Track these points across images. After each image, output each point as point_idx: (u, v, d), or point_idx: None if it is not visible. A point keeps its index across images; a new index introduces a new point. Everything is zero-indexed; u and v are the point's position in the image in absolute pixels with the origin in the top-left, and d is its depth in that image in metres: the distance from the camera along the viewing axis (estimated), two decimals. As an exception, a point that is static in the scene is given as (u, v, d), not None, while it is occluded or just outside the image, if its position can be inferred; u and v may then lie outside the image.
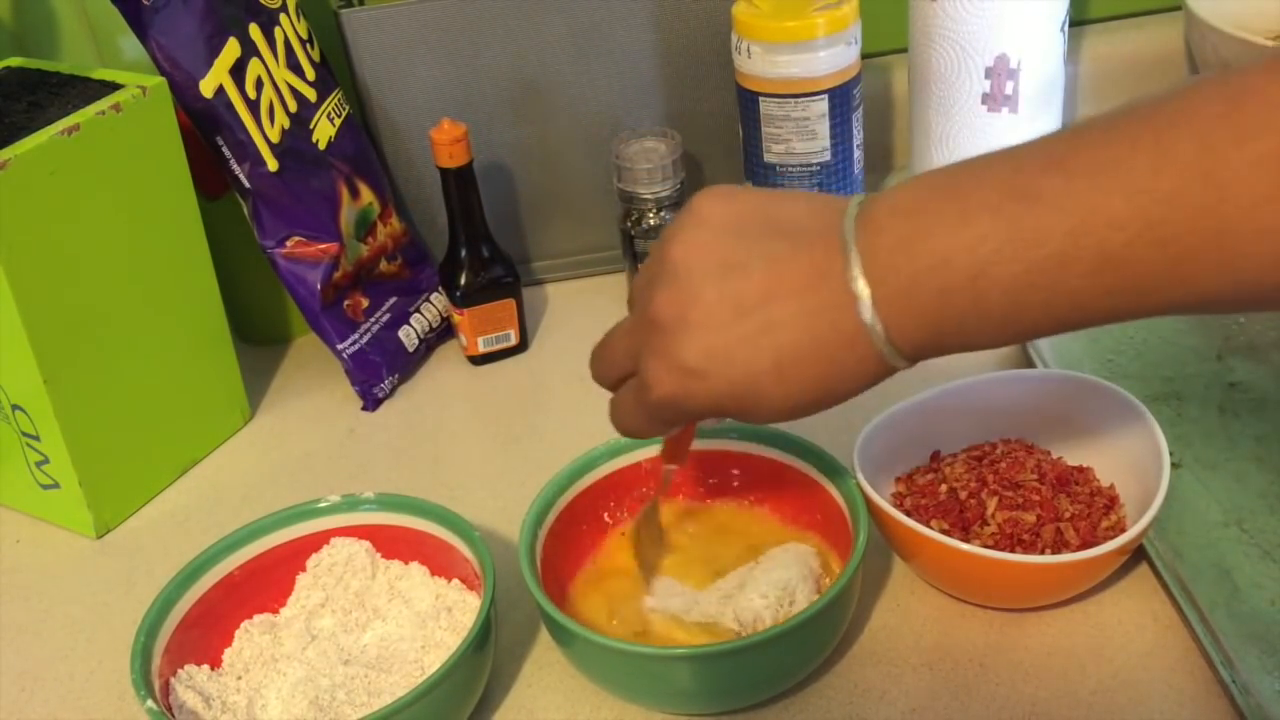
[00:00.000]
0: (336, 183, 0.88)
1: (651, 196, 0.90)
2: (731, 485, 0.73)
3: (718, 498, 0.73)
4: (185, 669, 0.64)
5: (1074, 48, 1.03)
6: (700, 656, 0.60)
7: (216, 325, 0.86)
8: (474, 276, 0.89)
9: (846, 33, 0.85)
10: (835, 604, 0.60)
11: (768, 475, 0.71)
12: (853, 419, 0.67)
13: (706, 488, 0.73)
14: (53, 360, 0.75)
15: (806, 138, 0.87)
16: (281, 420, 0.89)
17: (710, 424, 0.67)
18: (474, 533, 0.66)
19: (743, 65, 0.87)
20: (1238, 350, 0.81)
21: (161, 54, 0.79)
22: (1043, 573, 0.63)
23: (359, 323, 0.90)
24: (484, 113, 0.94)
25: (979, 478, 0.68)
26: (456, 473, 0.82)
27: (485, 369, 0.92)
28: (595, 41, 0.92)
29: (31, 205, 0.71)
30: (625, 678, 0.63)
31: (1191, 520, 0.69)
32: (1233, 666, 0.60)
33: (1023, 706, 0.61)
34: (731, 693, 0.62)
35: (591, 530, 0.71)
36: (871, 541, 0.71)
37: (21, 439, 0.79)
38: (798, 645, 0.61)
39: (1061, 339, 0.84)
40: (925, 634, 0.66)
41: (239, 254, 0.89)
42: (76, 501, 0.79)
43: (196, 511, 0.82)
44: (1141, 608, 0.65)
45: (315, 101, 0.87)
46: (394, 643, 0.67)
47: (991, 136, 0.92)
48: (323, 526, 0.70)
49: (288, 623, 0.68)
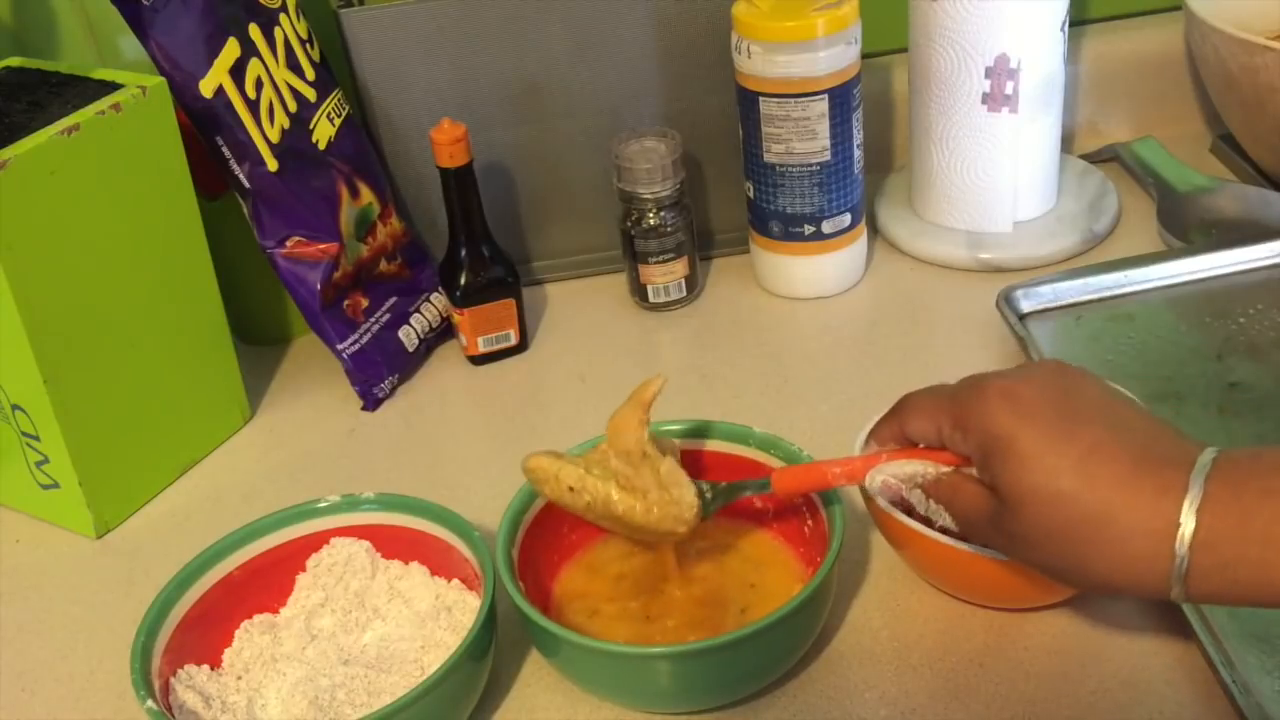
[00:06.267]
0: (336, 183, 0.88)
1: (651, 196, 0.90)
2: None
3: None
4: (185, 669, 0.64)
5: (1074, 48, 1.03)
6: (676, 655, 0.61)
7: (216, 325, 0.86)
8: (474, 276, 0.89)
9: (846, 33, 0.85)
10: (813, 599, 0.61)
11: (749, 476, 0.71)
12: (853, 419, 0.67)
13: None
14: (53, 360, 0.74)
15: (806, 138, 0.87)
16: (281, 420, 0.89)
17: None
18: (474, 533, 0.66)
19: (743, 65, 0.87)
20: (1238, 350, 0.81)
21: (161, 54, 0.79)
22: (1043, 573, 0.63)
23: (359, 323, 0.90)
24: (484, 113, 0.94)
25: (979, 478, 0.68)
26: (456, 473, 0.82)
27: (485, 369, 0.92)
28: (595, 41, 0.92)
29: (31, 205, 0.71)
30: (609, 678, 0.63)
31: (1191, 520, 0.69)
32: (1233, 666, 0.60)
33: (1023, 706, 0.61)
34: (709, 689, 0.63)
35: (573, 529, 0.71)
36: (872, 541, 0.72)
37: (21, 439, 0.79)
38: (767, 645, 0.61)
39: (1061, 338, 0.84)
40: (925, 634, 0.66)
41: (239, 254, 0.89)
42: (76, 501, 0.79)
43: (196, 511, 0.82)
44: (1141, 608, 0.65)
45: (315, 101, 0.87)
46: (394, 643, 0.67)
47: (991, 136, 0.92)
48: (322, 526, 0.70)
49: (287, 623, 0.68)
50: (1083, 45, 1.05)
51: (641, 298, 0.95)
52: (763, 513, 0.71)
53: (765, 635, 0.59)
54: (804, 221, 0.91)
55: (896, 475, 0.61)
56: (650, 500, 0.64)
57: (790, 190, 0.90)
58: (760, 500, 0.71)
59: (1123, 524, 0.50)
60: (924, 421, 0.59)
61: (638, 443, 0.64)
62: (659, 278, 0.93)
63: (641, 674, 0.62)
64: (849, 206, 0.91)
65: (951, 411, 0.58)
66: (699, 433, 0.71)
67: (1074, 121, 1.08)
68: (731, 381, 0.87)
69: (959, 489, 0.58)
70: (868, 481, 0.62)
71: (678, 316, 0.95)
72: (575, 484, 0.64)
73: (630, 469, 0.64)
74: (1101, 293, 0.87)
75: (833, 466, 0.64)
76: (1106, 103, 1.08)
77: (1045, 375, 0.56)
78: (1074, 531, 0.52)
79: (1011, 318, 0.84)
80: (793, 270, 0.94)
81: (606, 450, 0.65)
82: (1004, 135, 0.92)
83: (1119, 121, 1.09)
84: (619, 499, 0.64)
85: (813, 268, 0.93)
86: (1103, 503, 0.51)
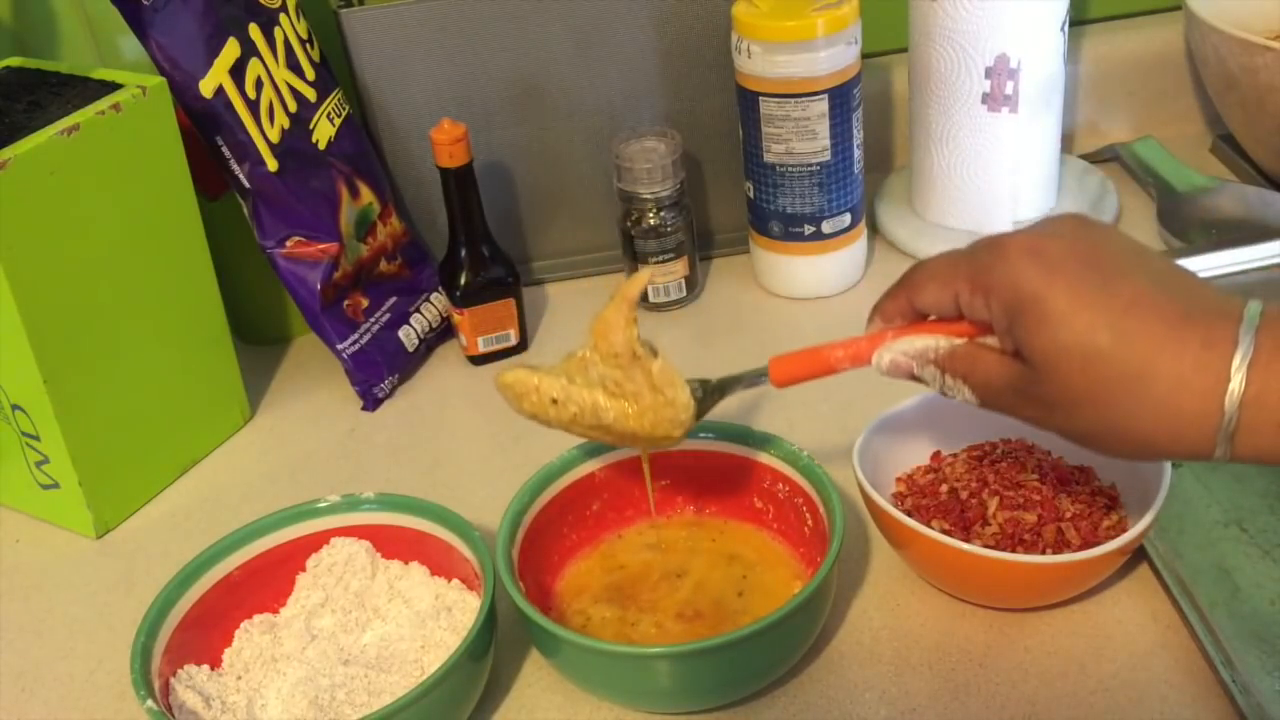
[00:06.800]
0: (336, 183, 0.88)
1: (651, 196, 0.90)
2: (710, 487, 0.73)
3: (697, 499, 0.73)
4: (185, 669, 0.64)
5: (1074, 48, 1.03)
6: (676, 655, 0.61)
7: (216, 325, 0.86)
8: (474, 276, 0.89)
9: (846, 33, 0.85)
10: (813, 599, 0.61)
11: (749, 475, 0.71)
12: (853, 419, 0.67)
13: (686, 492, 0.73)
14: (53, 360, 0.74)
15: (806, 138, 0.87)
16: (281, 420, 0.89)
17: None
18: (474, 533, 0.66)
19: (743, 65, 0.87)
20: (1238, 350, 0.81)
21: (161, 54, 0.79)
22: (1044, 573, 0.63)
23: (359, 323, 0.90)
24: (484, 113, 0.94)
25: (980, 477, 0.68)
26: (456, 473, 0.82)
27: (485, 369, 0.92)
28: (595, 41, 0.92)
29: (31, 205, 0.71)
30: (609, 678, 0.63)
31: (1192, 520, 0.69)
32: (1233, 666, 0.60)
33: (1023, 706, 0.61)
34: (709, 689, 0.63)
35: (574, 528, 0.71)
36: (872, 541, 0.72)
37: (21, 439, 0.79)
38: (767, 645, 0.61)
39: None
40: (925, 634, 0.66)
41: (239, 254, 0.89)
42: (76, 501, 0.79)
43: (196, 511, 0.82)
44: (1141, 608, 0.65)
45: (315, 101, 0.87)
46: (394, 643, 0.67)
47: (991, 136, 0.92)
48: (322, 526, 0.70)
49: (287, 623, 0.68)
50: (1083, 45, 1.05)
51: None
52: (763, 513, 0.71)
53: (765, 635, 0.59)
54: (804, 221, 0.91)
55: (906, 352, 0.57)
56: (643, 404, 0.60)
57: (790, 190, 0.90)
58: (760, 500, 0.71)
59: (1166, 381, 0.48)
60: (937, 289, 0.55)
61: (627, 343, 0.61)
62: (659, 278, 0.93)
63: (641, 674, 0.62)
64: (849, 206, 0.91)
65: (969, 275, 0.54)
66: (698, 432, 0.71)
67: (1074, 121, 1.08)
68: (731, 381, 0.87)
69: (978, 359, 0.54)
70: (875, 361, 0.58)
71: (678, 316, 0.95)
72: (559, 395, 0.60)
73: (619, 372, 0.60)
74: (1101, 293, 0.87)
75: (835, 349, 0.59)
76: (1106, 103, 1.08)
77: (1071, 228, 0.52)
78: (1112, 391, 0.49)
79: (1011, 318, 0.84)
80: (793, 270, 0.94)
81: (587, 357, 0.61)
82: (1004, 135, 0.92)
83: (1119, 121, 1.09)
84: (609, 406, 0.60)
85: (813, 268, 0.93)
86: (1144, 360, 0.48)
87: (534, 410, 0.62)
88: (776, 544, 0.70)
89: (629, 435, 0.62)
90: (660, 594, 0.68)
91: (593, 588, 0.69)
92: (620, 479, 0.72)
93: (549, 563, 0.70)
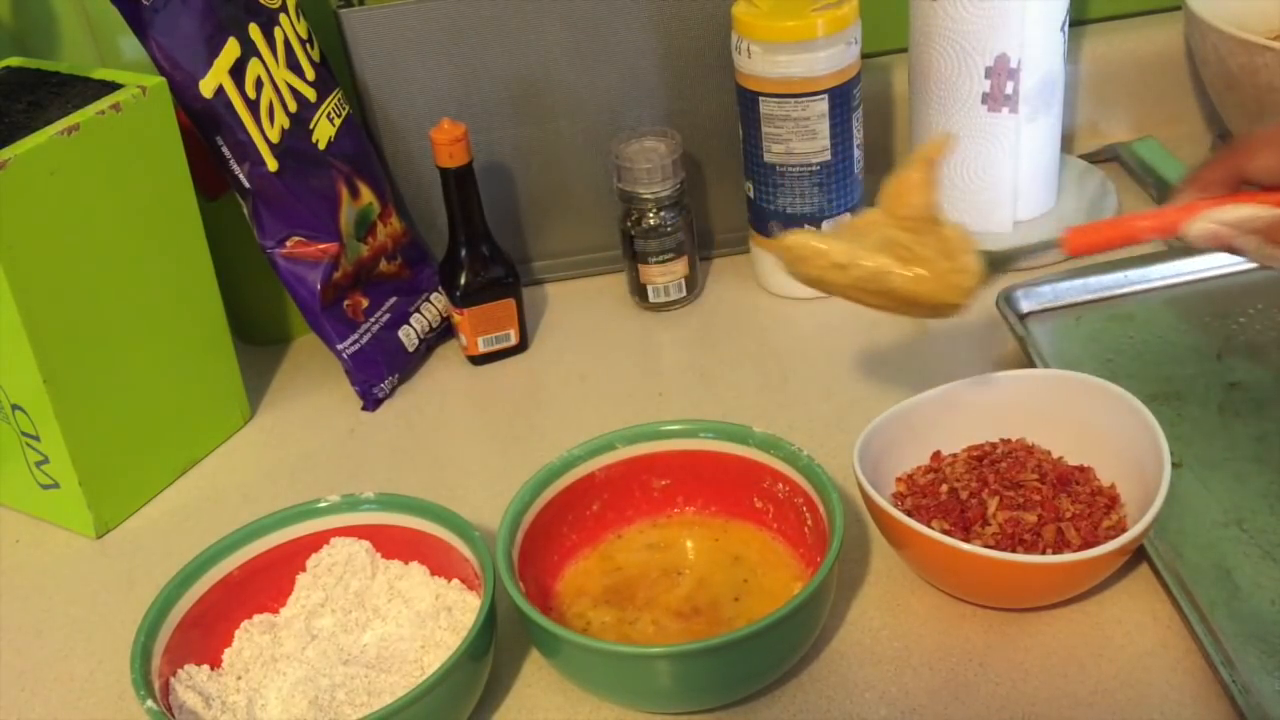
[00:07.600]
0: (336, 183, 0.88)
1: (651, 196, 0.90)
2: (710, 487, 0.73)
3: (697, 499, 0.73)
4: (185, 669, 0.64)
5: (1074, 48, 1.03)
6: (676, 655, 0.61)
7: (216, 325, 0.86)
8: (474, 276, 0.89)
9: (846, 33, 0.85)
10: (813, 599, 0.61)
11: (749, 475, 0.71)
12: (853, 419, 0.67)
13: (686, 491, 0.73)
14: (53, 360, 0.74)
15: (806, 138, 0.87)
16: (281, 420, 0.89)
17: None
18: (474, 533, 0.66)
19: (743, 65, 0.87)
20: (1238, 350, 0.81)
21: (161, 54, 0.79)
22: (1044, 573, 0.63)
23: (359, 323, 0.90)
24: (484, 113, 0.94)
25: (980, 477, 0.68)
26: (456, 473, 0.82)
27: (485, 369, 0.92)
28: (595, 41, 0.92)
29: (31, 205, 0.71)
30: (609, 678, 0.63)
31: (1192, 520, 0.69)
32: (1233, 666, 0.60)
33: (1023, 706, 0.61)
34: (709, 689, 0.63)
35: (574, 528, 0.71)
36: (872, 541, 0.72)
37: (21, 439, 0.79)
38: (767, 645, 0.61)
39: (1061, 338, 0.84)
40: (925, 634, 0.66)
41: (239, 254, 0.89)
42: (76, 501, 0.79)
43: (196, 511, 0.82)
44: (1141, 608, 0.65)
45: (315, 101, 0.87)
46: (394, 643, 0.67)
47: (991, 136, 0.92)
48: (322, 526, 0.70)
49: (287, 623, 0.68)
50: (1083, 45, 1.05)
51: (641, 298, 0.95)
52: (763, 513, 0.71)
53: (765, 635, 0.59)
54: (804, 221, 0.91)
55: (1226, 220, 0.54)
56: (936, 269, 0.57)
57: (790, 190, 0.90)
58: (760, 500, 0.71)
59: None
60: (1274, 154, 0.52)
61: (927, 206, 0.58)
62: (659, 278, 0.93)
63: (641, 674, 0.62)
64: (849, 206, 0.91)
65: None
66: (698, 432, 0.71)
67: (1074, 121, 1.08)
68: (731, 381, 0.87)
69: None
70: (1187, 228, 0.55)
71: (678, 316, 0.95)
72: (844, 259, 0.58)
73: (911, 235, 0.58)
74: (1101, 293, 0.87)
75: (1140, 219, 0.56)
76: (1106, 103, 1.08)
77: None
78: None
79: (1011, 317, 0.84)
80: (793, 270, 0.94)
81: (871, 222, 0.59)
82: (1004, 135, 0.92)
83: (1119, 121, 1.09)
84: (898, 272, 0.58)
85: (813, 268, 0.93)
86: None
87: (817, 274, 0.60)
88: (776, 544, 0.70)
89: (910, 301, 0.59)
90: (658, 591, 0.68)
91: (592, 589, 0.69)
92: (620, 479, 0.72)
93: (549, 563, 0.70)
